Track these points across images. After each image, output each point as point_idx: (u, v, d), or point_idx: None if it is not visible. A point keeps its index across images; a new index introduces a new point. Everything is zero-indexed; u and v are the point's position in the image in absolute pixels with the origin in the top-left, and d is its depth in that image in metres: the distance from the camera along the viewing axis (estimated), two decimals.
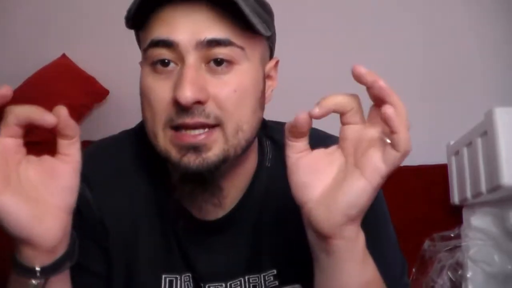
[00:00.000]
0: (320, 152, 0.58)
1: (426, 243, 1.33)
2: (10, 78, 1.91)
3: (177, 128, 0.63)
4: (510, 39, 1.80)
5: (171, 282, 0.73)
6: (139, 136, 0.76)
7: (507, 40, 1.80)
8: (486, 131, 1.21)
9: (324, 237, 0.56)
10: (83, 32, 2.00)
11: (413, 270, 1.29)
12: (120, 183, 0.73)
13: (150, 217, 0.73)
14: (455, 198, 1.42)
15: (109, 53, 1.98)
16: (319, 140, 0.80)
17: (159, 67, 0.63)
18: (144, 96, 0.66)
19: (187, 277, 0.73)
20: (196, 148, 0.62)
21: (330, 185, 0.56)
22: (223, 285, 0.73)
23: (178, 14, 0.62)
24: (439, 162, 1.57)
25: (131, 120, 0.84)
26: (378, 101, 0.54)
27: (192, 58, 0.61)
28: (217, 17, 0.62)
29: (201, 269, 0.73)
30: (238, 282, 0.74)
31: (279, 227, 0.74)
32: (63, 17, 2.00)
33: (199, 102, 0.61)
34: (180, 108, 0.61)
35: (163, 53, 0.62)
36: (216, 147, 0.63)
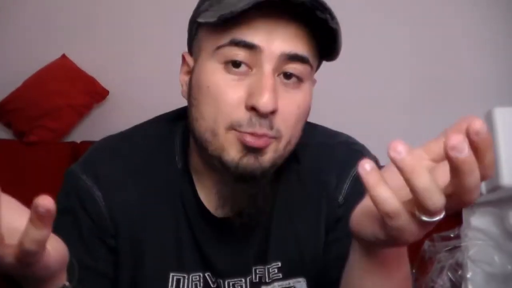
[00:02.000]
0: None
1: (426, 244, 1.33)
2: (10, 78, 1.92)
3: (241, 132, 0.63)
4: (510, 40, 1.80)
5: (178, 280, 0.73)
6: (150, 133, 0.76)
7: (507, 40, 1.80)
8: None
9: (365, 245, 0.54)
10: (83, 32, 2.00)
11: (413, 270, 1.29)
12: (130, 181, 0.73)
13: (161, 215, 0.73)
14: None
15: (109, 53, 1.98)
16: (327, 137, 0.80)
17: (231, 67, 0.63)
18: (209, 94, 0.64)
19: (197, 276, 0.74)
20: (256, 151, 0.63)
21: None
22: (242, 280, 0.74)
23: (265, 21, 0.61)
24: None
25: (131, 120, 0.84)
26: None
27: (270, 67, 0.62)
28: (302, 32, 0.63)
29: (219, 266, 0.73)
30: (250, 275, 0.75)
31: (287, 222, 0.75)
32: (63, 17, 2.01)
33: (272, 112, 0.62)
34: (255, 114, 0.61)
35: (239, 54, 0.62)
36: (269, 154, 0.64)
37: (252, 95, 0.61)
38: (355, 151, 0.77)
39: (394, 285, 0.57)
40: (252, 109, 0.61)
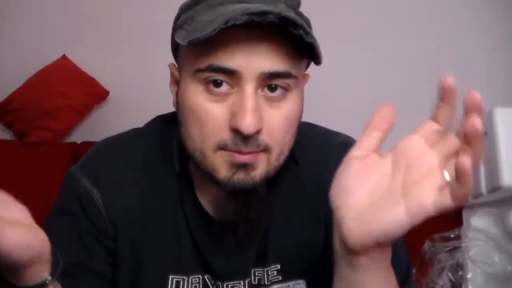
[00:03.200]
0: (375, 158, 0.54)
1: (426, 244, 1.33)
2: (11, 79, 1.92)
3: (227, 151, 0.63)
4: (509, 39, 1.80)
5: (178, 283, 0.72)
6: (151, 136, 0.76)
7: (506, 40, 1.80)
8: (486, 132, 1.21)
9: (350, 251, 0.55)
10: (83, 33, 2.00)
11: (413, 271, 1.29)
12: (129, 183, 0.73)
13: (160, 217, 0.73)
14: None
15: (109, 54, 1.98)
16: (326, 138, 0.80)
17: (212, 87, 0.62)
18: (194, 116, 0.64)
19: (196, 278, 0.73)
20: (246, 167, 0.63)
21: (369, 199, 0.52)
22: (242, 282, 0.74)
23: (243, 43, 0.60)
24: None
25: (131, 121, 0.84)
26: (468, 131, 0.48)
27: (251, 88, 0.61)
28: (281, 49, 0.61)
29: (219, 269, 0.73)
30: (249, 278, 0.75)
31: (286, 224, 0.75)
32: (64, 18, 2.01)
33: (257, 131, 0.61)
34: (239, 135, 0.61)
35: (219, 77, 0.61)
36: (260, 168, 0.64)
37: (234, 116, 0.60)
38: None
39: None
40: (236, 130, 0.60)
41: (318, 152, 0.77)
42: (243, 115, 0.60)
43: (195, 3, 0.64)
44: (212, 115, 0.62)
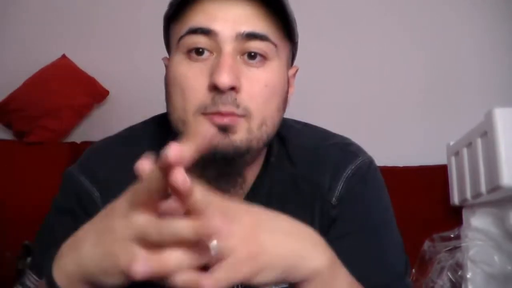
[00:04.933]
0: None
1: (426, 244, 1.33)
2: (11, 78, 1.92)
3: (207, 114, 0.64)
4: (509, 39, 1.80)
5: None
6: (146, 134, 0.77)
7: (506, 40, 1.80)
8: (486, 132, 1.21)
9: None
10: (83, 32, 2.00)
11: (413, 270, 1.29)
12: (127, 182, 0.73)
13: None
14: (455, 199, 1.42)
15: (109, 54, 1.98)
16: (322, 138, 0.80)
17: (194, 55, 0.65)
18: (176, 84, 0.66)
19: None
20: (224, 129, 0.64)
21: None
22: None
23: (219, 5, 0.64)
24: (439, 163, 1.57)
25: (131, 121, 0.84)
26: None
27: (229, 48, 0.64)
28: (257, 12, 0.65)
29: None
30: None
31: None
32: (63, 17, 2.01)
33: (233, 89, 0.63)
34: (217, 93, 0.63)
35: (200, 41, 0.64)
36: (241, 133, 0.65)
37: (212, 75, 0.63)
38: (349, 152, 0.77)
39: None
40: (214, 88, 0.63)
41: (314, 153, 0.77)
42: (219, 70, 0.62)
43: None
44: (191, 79, 0.65)
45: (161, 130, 0.77)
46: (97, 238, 0.48)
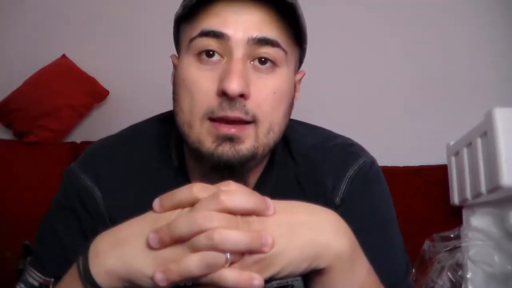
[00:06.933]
0: None
1: (426, 244, 1.34)
2: (11, 78, 1.92)
3: (214, 120, 0.64)
4: (509, 39, 1.80)
5: None
6: (147, 133, 0.77)
7: (506, 40, 1.80)
8: (486, 132, 1.21)
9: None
10: (83, 32, 2.00)
11: (413, 270, 1.29)
12: (128, 181, 0.73)
13: None
14: (455, 199, 1.42)
15: (109, 54, 1.98)
16: (325, 139, 0.80)
17: (204, 57, 0.65)
18: (185, 86, 0.66)
19: None
20: (231, 139, 0.64)
21: None
22: None
23: (232, 9, 0.64)
24: (439, 163, 1.57)
25: (131, 121, 0.84)
26: None
27: (240, 53, 0.63)
28: (269, 18, 0.64)
29: None
30: None
31: None
32: (63, 17, 2.01)
33: (242, 96, 0.63)
34: (225, 99, 0.62)
35: (211, 44, 0.64)
36: (248, 142, 0.65)
37: (221, 81, 0.63)
38: (351, 152, 0.78)
39: None
40: (223, 94, 0.62)
41: (317, 154, 0.77)
42: (229, 76, 0.62)
43: None
44: (201, 83, 0.64)
45: (164, 129, 0.77)
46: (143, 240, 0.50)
